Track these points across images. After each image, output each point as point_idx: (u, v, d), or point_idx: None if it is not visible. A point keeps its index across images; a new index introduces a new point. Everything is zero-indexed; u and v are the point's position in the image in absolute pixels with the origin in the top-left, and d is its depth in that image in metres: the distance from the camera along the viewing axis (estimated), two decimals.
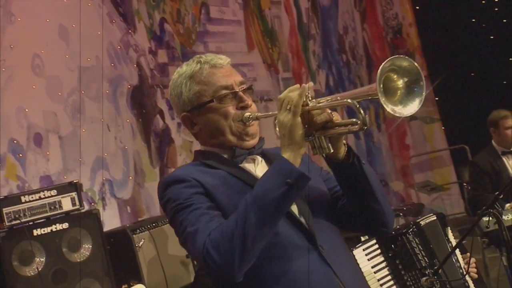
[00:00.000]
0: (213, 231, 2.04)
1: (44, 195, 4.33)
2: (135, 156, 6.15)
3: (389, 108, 1.97)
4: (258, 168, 2.27)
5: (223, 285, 2.16)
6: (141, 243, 4.74)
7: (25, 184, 5.16)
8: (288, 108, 2.07)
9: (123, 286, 3.73)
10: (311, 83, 2.11)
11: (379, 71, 1.96)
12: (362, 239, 3.66)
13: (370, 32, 10.51)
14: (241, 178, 2.20)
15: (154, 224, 4.92)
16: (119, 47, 6.22)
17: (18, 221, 4.16)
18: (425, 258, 3.53)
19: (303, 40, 8.91)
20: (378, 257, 3.56)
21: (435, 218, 3.70)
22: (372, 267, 3.53)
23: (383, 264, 3.56)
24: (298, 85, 2.11)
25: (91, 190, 5.67)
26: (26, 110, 5.32)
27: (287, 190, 2.03)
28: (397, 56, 2.02)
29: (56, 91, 5.58)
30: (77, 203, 4.42)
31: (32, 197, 4.29)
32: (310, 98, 2.09)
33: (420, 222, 3.62)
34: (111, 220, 5.63)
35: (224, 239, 2.01)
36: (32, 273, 4.16)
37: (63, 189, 4.43)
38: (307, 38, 8.98)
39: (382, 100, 1.95)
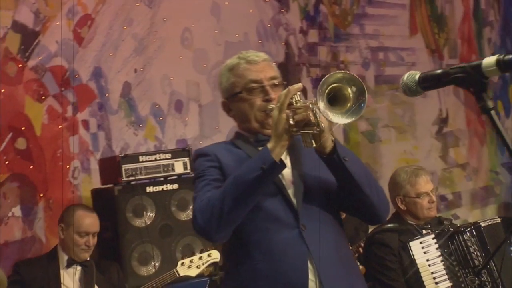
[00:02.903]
0: (204, 199, 2.44)
1: (159, 157, 4.80)
2: None
3: (329, 116, 2.26)
4: None
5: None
6: None
7: (162, 145, 5.68)
8: (278, 105, 2.40)
9: (201, 249, 4.09)
10: (300, 84, 2.42)
11: (318, 90, 2.23)
12: (424, 232, 3.74)
13: None
14: None
15: None
16: (269, 25, 6.53)
17: (133, 178, 4.67)
18: (479, 258, 3.55)
19: (477, 27, 8.68)
20: (435, 251, 3.64)
21: (499, 221, 3.69)
22: (427, 260, 3.62)
23: (439, 259, 3.63)
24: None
25: None
26: (171, 78, 5.83)
27: (260, 174, 2.37)
28: (328, 75, 2.26)
29: (202, 63, 6.03)
30: (188, 167, 4.83)
31: (148, 158, 4.76)
32: (297, 98, 2.39)
33: (481, 224, 3.64)
34: None
35: (207, 208, 2.41)
36: (142, 225, 4.64)
37: (177, 153, 4.87)
38: (482, 25, 8.74)
39: (321, 107, 2.24)
